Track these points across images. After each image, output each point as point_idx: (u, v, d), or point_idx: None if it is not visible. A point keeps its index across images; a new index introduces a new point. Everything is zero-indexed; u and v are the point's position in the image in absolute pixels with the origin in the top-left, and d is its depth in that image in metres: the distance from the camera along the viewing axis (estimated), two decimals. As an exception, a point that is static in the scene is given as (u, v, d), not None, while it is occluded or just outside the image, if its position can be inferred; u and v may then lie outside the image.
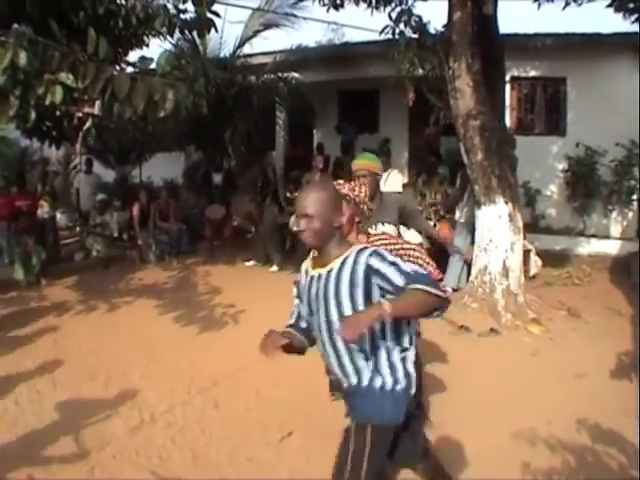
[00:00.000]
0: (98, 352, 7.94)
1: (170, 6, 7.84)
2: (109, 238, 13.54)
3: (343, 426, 3.31)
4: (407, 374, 3.42)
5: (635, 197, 13.87)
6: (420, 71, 11.68)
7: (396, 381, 3.37)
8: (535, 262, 11.31)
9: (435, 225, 11.52)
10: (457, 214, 10.96)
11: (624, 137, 13.47)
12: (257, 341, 3.57)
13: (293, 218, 10.72)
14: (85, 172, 16.56)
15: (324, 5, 11.51)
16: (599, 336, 8.33)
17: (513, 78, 14.69)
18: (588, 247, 13.61)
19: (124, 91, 5.29)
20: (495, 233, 9.51)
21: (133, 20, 7.57)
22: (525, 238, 10.38)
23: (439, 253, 11.13)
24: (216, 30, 7.88)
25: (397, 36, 11.23)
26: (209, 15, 7.60)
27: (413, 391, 3.45)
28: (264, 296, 10.30)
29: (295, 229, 3.43)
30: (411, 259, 4.37)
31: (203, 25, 7.61)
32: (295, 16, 16.16)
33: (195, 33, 10.64)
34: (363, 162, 5.88)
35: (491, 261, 9.50)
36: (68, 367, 7.41)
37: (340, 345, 3.43)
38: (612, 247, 13.52)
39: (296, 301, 3.89)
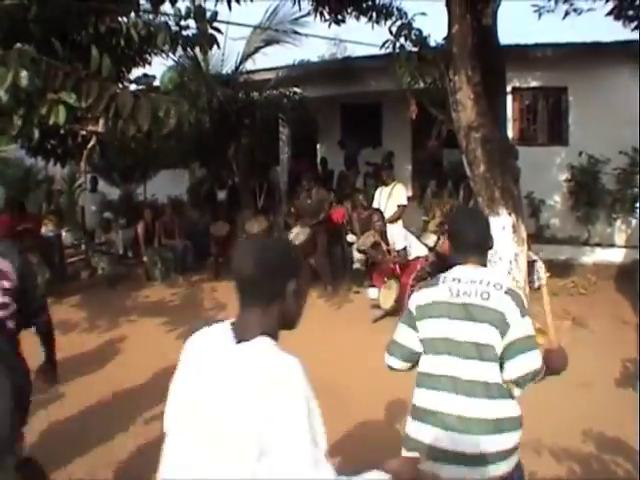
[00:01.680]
0: (104, 370, 7.97)
1: (172, 23, 7.89)
2: (114, 256, 13.60)
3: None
4: None
5: (638, 205, 13.85)
6: (421, 84, 11.71)
7: None
8: (538, 274, 11.30)
9: (439, 238, 11.53)
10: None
11: (626, 145, 13.48)
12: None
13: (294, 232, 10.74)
14: (90, 190, 16.61)
15: (325, 21, 11.58)
16: (604, 345, 8.33)
17: (514, 89, 14.72)
18: (593, 256, 13.59)
19: (127, 109, 5.32)
20: (499, 245, 9.49)
21: (135, 37, 7.60)
22: (530, 248, 10.38)
23: (444, 266, 11.21)
24: (218, 46, 7.91)
25: (398, 50, 11.26)
26: (211, 31, 7.65)
27: None
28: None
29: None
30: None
31: (205, 41, 7.65)
32: (297, 33, 16.24)
33: (197, 49, 10.68)
34: None
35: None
36: (74, 386, 7.42)
37: None
38: (617, 255, 13.50)
39: None
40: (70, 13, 7.74)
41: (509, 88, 12.92)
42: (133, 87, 7.83)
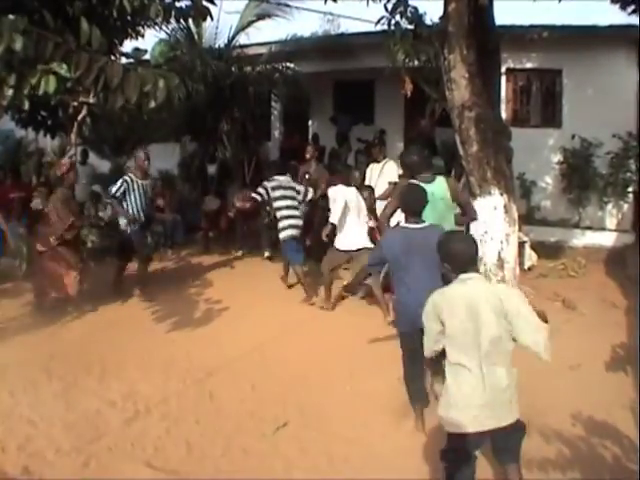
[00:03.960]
0: (93, 343, 7.93)
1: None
2: (104, 229, 13.50)
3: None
4: None
5: (631, 189, 13.87)
6: (416, 62, 11.64)
7: None
8: (530, 255, 11.32)
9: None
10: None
11: (620, 129, 13.47)
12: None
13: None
14: (80, 163, 16.46)
15: (321, -4, 11.46)
16: (594, 328, 8.33)
17: (509, 70, 14.65)
18: (583, 239, 13.60)
19: (116, 81, 5.27)
20: (490, 224, 9.49)
21: (127, 8, 7.50)
22: (520, 230, 10.38)
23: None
24: (211, 18, 7.84)
25: (393, 27, 11.19)
26: (204, 3, 7.58)
27: None
28: (257, 286, 10.37)
29: None
30: None
31: (199, 13, 7.58)
32: (290, 7, 16.14)
33: (191, 22, 10.58)
34: None
35: (486, 252, 9.48)
36: (64, 358, 7.40)
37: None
38: (607, 239, 13.51)
39: None
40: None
41: (503, 69, 12.85)
42: (125, 60, 7.79)
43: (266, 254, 12.70)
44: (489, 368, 4.20)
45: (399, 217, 6.70)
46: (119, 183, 10.28)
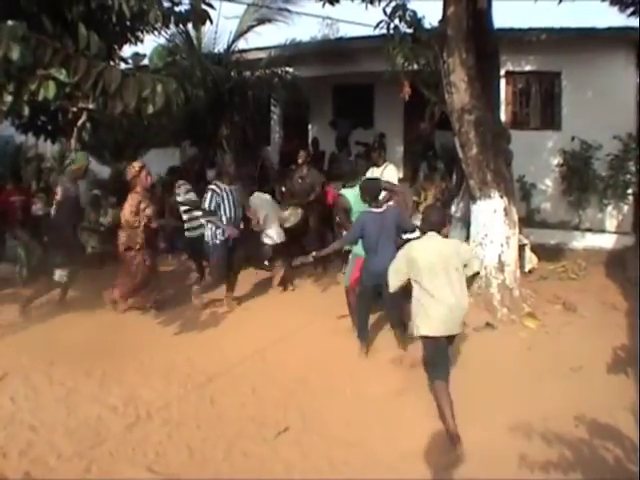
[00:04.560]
0: (94, 348, 7.92)
1: (164, -2, 7.82)
2: (104, 234, 13.49)
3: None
4: None
5: (630, 191, 13.87)
6: (415, 66, 11.65)
7: None
8: (530, 258, 11.32)
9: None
10: (452, 208, 10.94)
11: (619, 131, 13.49)
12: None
13: (286, 213, 10.76)
14: (80, 168, 16.49)
15: (319, 0, 11.46)
16: (595, 330, 8.34)
17: (508, 73, 14.69)
18: (583, 241, 13.61)
19: (114, 86, 5.28)
20: (490, 227, 9.50)
21: (127, 14, 7.51)
22: (521, 232, 10.39)
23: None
24: (211, 22, 7.85)
25: (392, 31, 11.20)
26: (203, 7, 7.59)
27: None
28: (258, 291, 10.36)
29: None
30: None
31: (198, 17, 7.59)
32: (290, 11, 16.15)
33: (190, 26, 10.59)
34: None
35: (486, 255, 9.49)
36: (64, 363, 7.39)
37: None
38: (607, 241, 13.51)
39: None
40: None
41: (503, 72, 12.90)
42: (124, 65, 7.80)
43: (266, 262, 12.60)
44: (453, 291, 5.81)
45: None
46: (208, 195, 9.56)
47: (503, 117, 13.26)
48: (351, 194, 8.83)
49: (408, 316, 6.63)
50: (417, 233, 7.44)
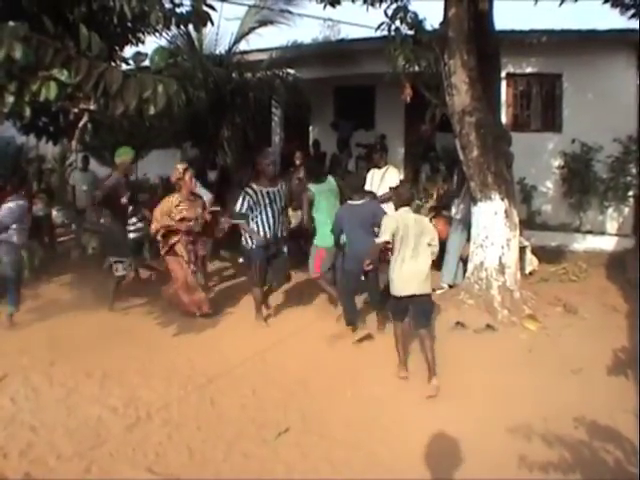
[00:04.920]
0: (94, 349, 7.93)
1: (165, 0, 7.81)
2: (105, 235, 13.50)
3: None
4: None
5: (631, 193, 13.88)
6: (416, 68, 11.64)
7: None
8: (531, 260, 11.31)
9: (431, 221, 11.52)
10: (453, 210, 10.93)
11: (620, 133, 13.50)
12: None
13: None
14: (81, 169, 16.48)
15: (321, 2, 11.45)
16: (595, 332, 8.34)
17: (509, 74, 14.69)
18: (584, 243, 13.60)
19: (115, 87, 5.28)
20: (491, 229, 9.51)
21: (128, 15, 7.51)
22: (521, 234, 10.38)
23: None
24: (212, 23, 7.83)
25: (393, 33, 11.18)
26: (205, 8, 7.58)
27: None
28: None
29: None
30: None
31: (199, 18, 7.59)
32: (291, 13, 16.16)
33: (191, 27, 10.58)
34: None
35: (487, 257, 9.50)
36: (65, 364, 7.40)
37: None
38: (608, 243, 13.51)
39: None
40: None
41: (504, 74, 12.89)
42: (125, 66, 7.80)
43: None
44: (418, 257, 6.97)
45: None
46: (241, 198, 8.92)
47: (504, 119, 13.24)
48: (316, 189, 9.51)
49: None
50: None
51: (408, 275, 6.94)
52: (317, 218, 9.48)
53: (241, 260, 12.09)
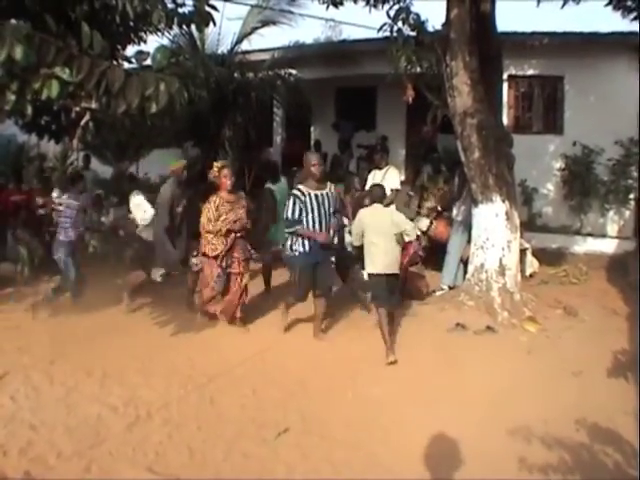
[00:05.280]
0: (95, 348, 7.93)
1: (168, 0, 7.81)
2: (106, 234, 13.49)
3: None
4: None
5: (632, 196, 13.88)
6: (418, 69, 11.65)
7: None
8: (531, 262, 11.31)
9: (432, 223, 11.54)
10: (454, 212, 10.93)
11: (621, 136, 13.52)
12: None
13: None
14: (82, 168, 16.50)
15: (323, 3, 11.47)
16: (595, 334, 8.34)
17: (511, 76, 14.71)
18: (585, 246, 13.62)
19: (117, 85, 5.28)
20: (492, 231, 9.51)
21: (130, 14, 7.51)
22: (522, 236, 10.39)
23: (435, 250, 11.19)
24: (214, 23, 7.83)
25: (395, 34, 11.19)
26: (207, 8, 7.58)
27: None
28: (259, 291, 10.35)
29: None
30: None
31: (201, 18, 7.59)
32: (293, 13, 16.18)
33: (193, 27, 10.58)
34: None
35: (488, 259, 9.51)
36: (65, 363, 7.40)
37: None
38: (609, 246, 13.53)
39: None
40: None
41: (505, 75, 12.89)
42: (127, 65, 7.80)
43: None
44: (387, 243, 7.95)
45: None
46: (291, 203, 8.15)
47: (505, 121, 13.25)
48: (276, 187, 10.46)
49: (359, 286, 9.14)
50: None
51: (382, 257, 7.99)
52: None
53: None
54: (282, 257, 9.03)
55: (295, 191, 8.24)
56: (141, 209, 11.28)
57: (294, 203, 8.09)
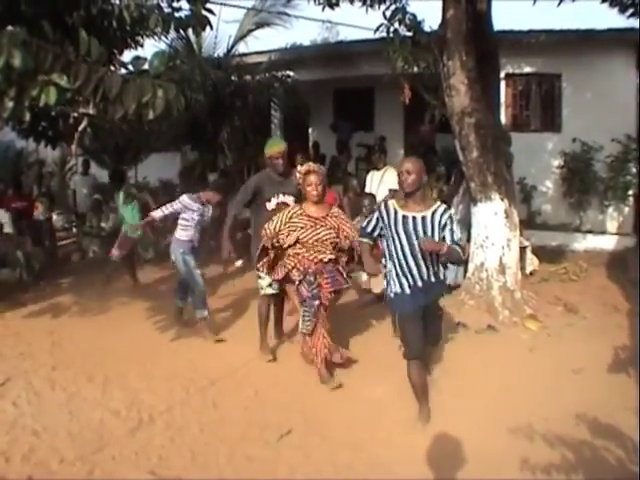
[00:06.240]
0: (96, 353, 7.94)
1: (164, 4, 7.84)
2: (105, 239, 13.52)
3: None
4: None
5: (631, 192, 13.88)
6: (415, 69, 11.66)
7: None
8: (531, 260, 11.32)
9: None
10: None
11: (620, 133, 13.50)
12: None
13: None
14: (81, 173, 16.54)
15: (319, 4, 11.48)
16: (596, 331, 8.34)
17: (508, 75, 14.71)
18: (584, 243, 13.62)
19: (114, 91, 5.29)
20: (491, 230, 9.51)
21: (127, 19, 7.54)
22: (522, 234, 10.39)
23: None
24: (211, 27, 7.87)
25: (392, 34, 11.20)
26: (204, 12, 7.60)
27: None
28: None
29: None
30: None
31: (198, 23, 7.61)
32: (289, 15, 16.21)
33: (190, 31, 10.60)
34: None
35: (487, 258, 9.50)
36: (66, 368, 7.41)
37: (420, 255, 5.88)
38: (608, 243, 13.53)
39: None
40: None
41: (503, 74, 12.92)
42: (124, 70, 7.82)
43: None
44: None
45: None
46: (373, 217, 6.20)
47: (503, 119, 13.25)
48: None
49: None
50: None
51: None
52: None
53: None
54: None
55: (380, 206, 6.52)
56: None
57: (377, 221, 6.16)
